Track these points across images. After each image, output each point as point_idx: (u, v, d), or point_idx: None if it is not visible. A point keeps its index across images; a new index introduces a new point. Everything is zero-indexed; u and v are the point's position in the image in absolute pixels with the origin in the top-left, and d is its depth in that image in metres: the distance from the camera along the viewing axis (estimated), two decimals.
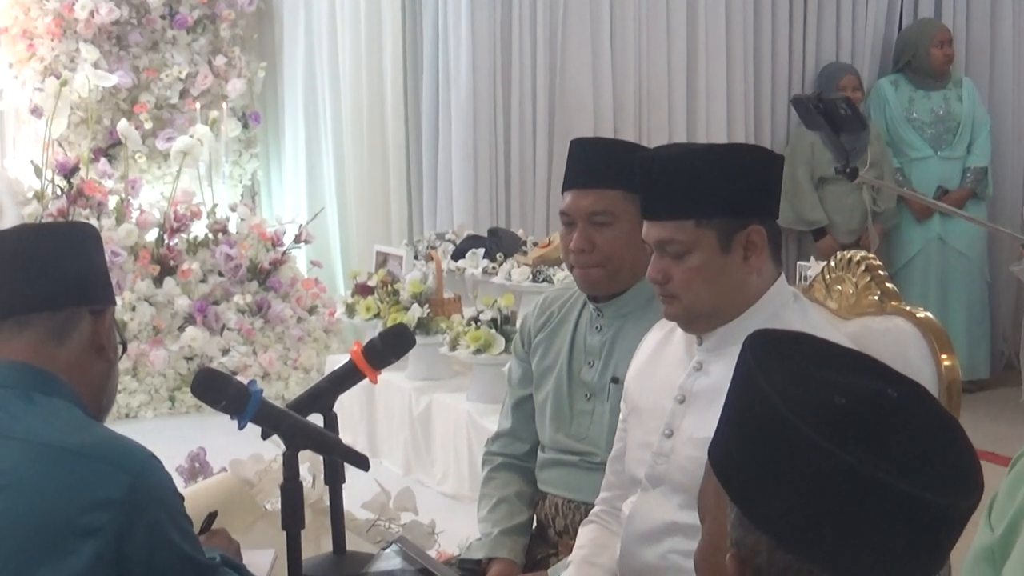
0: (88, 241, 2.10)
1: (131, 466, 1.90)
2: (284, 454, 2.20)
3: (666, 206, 2.28)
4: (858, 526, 1.13)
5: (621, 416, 2.55)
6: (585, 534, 2.61)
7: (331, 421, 2.39)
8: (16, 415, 1.93)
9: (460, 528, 3.35)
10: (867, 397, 1.18)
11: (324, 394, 2.40)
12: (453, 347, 5.17)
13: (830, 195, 7.14)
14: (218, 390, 2.16)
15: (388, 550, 2.18)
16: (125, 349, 2.24)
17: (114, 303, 2.15)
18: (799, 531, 1.15)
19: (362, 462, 2.22)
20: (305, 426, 2.21)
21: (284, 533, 2.20)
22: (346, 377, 2.44)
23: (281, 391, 6.63)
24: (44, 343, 2.00)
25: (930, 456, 1.16)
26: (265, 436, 2.33)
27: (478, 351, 5.04)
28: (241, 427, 2.19)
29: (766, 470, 1.17)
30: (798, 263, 5.59)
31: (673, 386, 2.36)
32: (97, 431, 1.98)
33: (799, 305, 2.36)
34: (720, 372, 2.26)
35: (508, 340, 4.95)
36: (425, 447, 5.46)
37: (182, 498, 2.01)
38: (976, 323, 7.34)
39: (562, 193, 2.85)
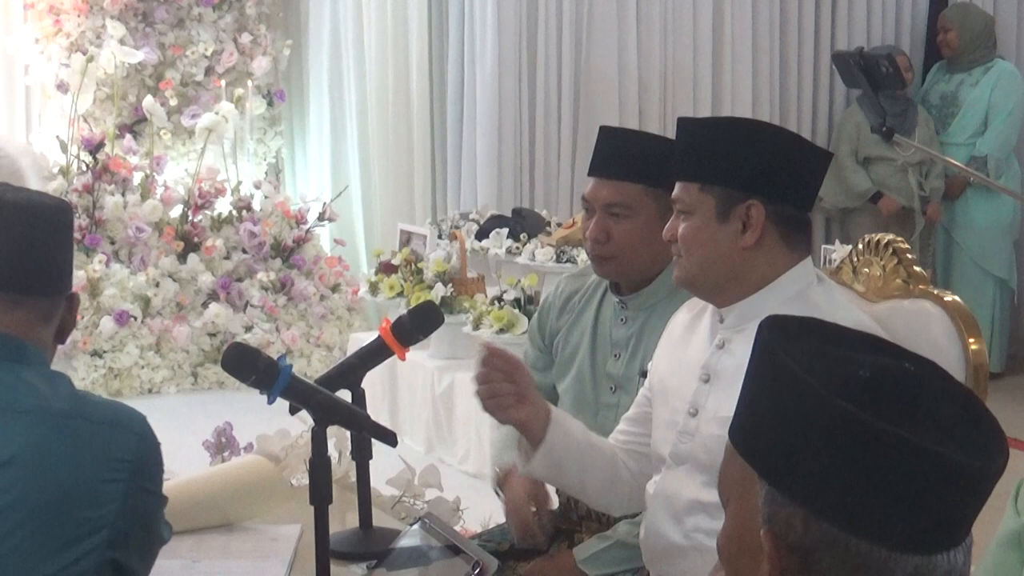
0: (69, 229, 2.11)
1: (135, 426, 1.96)
2: (313, 429, 2.21)
3: (681, 168, 2.35)
4: (896, 491, 1.14)
5: (643, 389, 2.55)
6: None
7: (359, 397, 2.41)
8: (12, 386, 1.96)
9: (482, 506, 3.36)
10: (888, 370, 1.21)
11: (353, 370, 2.42)
12: (476, 326, 5.18)
13: (874, 175, 7.15)
14: (248, 365, 2.17)
15: (415, 526, 2.19)
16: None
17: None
18: (837, 500, 1.16)
19: (390, 438, 2.23)
20: (334, 402, 2.22)
21: (310, 508, 2.22)
22: (375, 354, 2.45)
23: (304, 368, 6.66)
24: (35, 323, 2.02)
25: (957, 423, 1.18)
26: (293, 411, 2.35)
27: (501, 331, 5.04)
28: (270, 402, 2.20)
29: (797, 443, 1.18)
30: (823, 246, 5.57)
31: (698, 365, 2.37)
32: (92, 398, 2.03)
33: (824, 286, 2.36)
34: (743, 350, 2.24)
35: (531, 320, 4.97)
36: (447, 426, 5.48)
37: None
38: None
39: (588, 176, 2.86)
